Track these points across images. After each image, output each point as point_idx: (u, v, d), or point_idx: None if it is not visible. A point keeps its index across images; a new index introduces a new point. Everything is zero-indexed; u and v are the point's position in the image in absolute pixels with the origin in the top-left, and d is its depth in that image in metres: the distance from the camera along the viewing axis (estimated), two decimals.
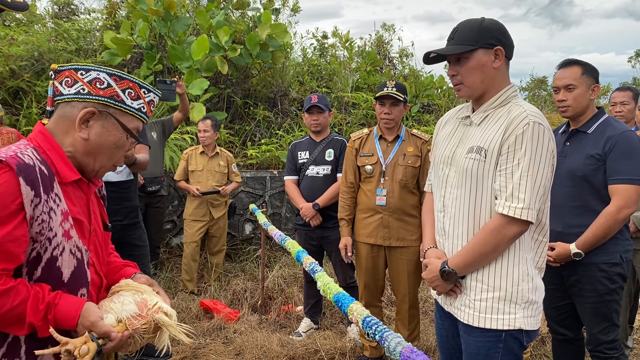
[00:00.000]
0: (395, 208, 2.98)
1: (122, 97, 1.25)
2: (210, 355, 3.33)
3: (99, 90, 1.22)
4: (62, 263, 1.18)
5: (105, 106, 1.23)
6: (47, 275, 1.17)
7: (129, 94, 1.26)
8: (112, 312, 1.21)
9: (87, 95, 1.22)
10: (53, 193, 1.16)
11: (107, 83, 1.23)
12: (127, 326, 1.20)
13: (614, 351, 2.35)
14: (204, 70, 5.92)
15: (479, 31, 1.63)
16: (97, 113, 1.22)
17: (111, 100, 1.24)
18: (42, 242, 1.14)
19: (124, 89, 1.25)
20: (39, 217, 1.12)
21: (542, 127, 1.55)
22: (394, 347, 1.49)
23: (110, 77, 1.23)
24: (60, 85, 1.23)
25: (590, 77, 2.35)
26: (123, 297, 1.25)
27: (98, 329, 1.15)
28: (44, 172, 1.15)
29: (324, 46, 9.23)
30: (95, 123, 1.23)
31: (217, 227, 4.59)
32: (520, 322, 1.60)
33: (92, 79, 1.22)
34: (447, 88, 8.39)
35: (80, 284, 1.23)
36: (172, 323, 1.26)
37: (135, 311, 1.22)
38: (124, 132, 1.27)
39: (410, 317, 3.12)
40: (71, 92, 1.22)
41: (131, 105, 1.26)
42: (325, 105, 3.56)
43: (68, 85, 1.22)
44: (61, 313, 1.14)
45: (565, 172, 2.33)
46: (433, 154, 1.89)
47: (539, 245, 1.68)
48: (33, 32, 6.35)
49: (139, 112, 1.28)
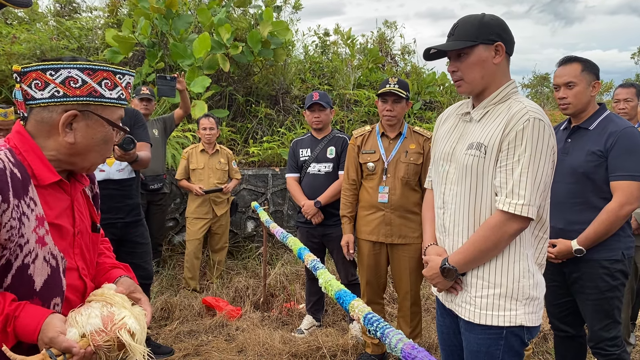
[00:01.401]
0: (397, 205, 2.98)
1: (100, 92, 1.18)
2: (212, 353, 3.35)
3: (74, 90, 1.15)
4: (34, 271, 1.12)
5: (85, 105, 1.17)
6: (18, 284, 1.11)
7: (106, 85, 1.19)
8: (76, 325, 1.13)
9: (64, 98, 1.15)
10: (27, 197, 1.11)
11: (82, 80, 1.16)
12: (90, 342, 1.12)
13: (615, 348, 2.34)
14: (205, 68, 5.92)
15: (479, 27, 1.62)
16: (79, 114, 1.16)
17: (90, 98, 1.17)
18: (12, 249, 1.08)
19: (99, 81, 1.18)
20: (7, 224, 1.06)
21: (543, 123, 1.55)
22: (395, 344, 1.49)
23: (83, 73, 1.16)
24: (29, 89, 1.14)
25: (591, 74, 2.35)
26: (91, 309, 1.17)
27: (58, 345, 1.07)
28: (15, 176, 1.10)
29: (325, 43, 9.22)
30: (78, 125, 1.18)
31: (220, 225, 4.60)
32: (521, 318, 1.60)
33: (64, 78, 1.14)
34: (449, 85, 8.37)
35: (53, 293, 1.18)
36: (132, 343, 1.16)
37: (99, 326, 1.13)
38: (109, 126, 1.22)
39: (412, 314, 3.12)
40: (45, 95, 1.14)
41: (110, 97, 1.20)
42: (326, 103, 3.56)
43: (39, 88, 1.14)
44: (21, 326, 1.08)
45: (567, 169, 2.33)
46: (433, 151, 1.88)
47: (539, 242, 1.68)
48: (35, 30, 6.37)
49: (119, 101, 1.23)
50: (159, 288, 4.38)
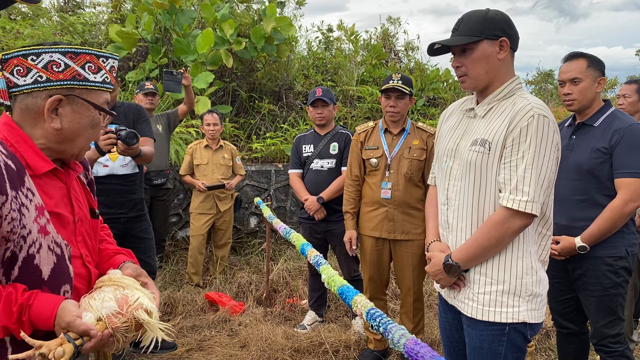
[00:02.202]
0: (400, 201, 2.97)
1: (83, 75, 1.16)
2: (215, 347, 3.36)
3: (57, 74, 1.13)
4: (40, 261, 1.12)
5: (69, 89, 1.15)
6: (26, 275, 1.12)
7: (89, 68, 1.17)
8: (91, 310, 1.14)
9: (47, 83, 1.13)
10: (24, 188, 1.10)
11: (64, 64, 1.14)
12: (107, 325, 1.13)
13: (618, 345, 2.34)
14: (208, 63, 5.92)
15: (483, 22, 1.62)
16: (63, 99, 1.15)
17: (74, 82, 1.15)
18: (15, 241, 1.08)
19: (82, 65, 1.16)
20: (7, 216, 1.05)
21: (547, 120, 1.54)
22: (397, 339, 1.49)
23: (65, 56, 1.14)
24: (12, 76, 1.12)
25: (596, 70, 2.33)
26: (104, 293, 1.19)
27: (75, 329, 1.08)
28: (10, 167, 1.08)
29: (329, 39, 9.20)
30: (64, 110, 1.16)
31: (223, 221, 4.61)
32: (524, 315, 1.60)
33: (46, 63, 1.12)
34: (453, 81, 8.34)
35: (62, 281, 1.18)
36: (151, 321, 1.19)
37: (115, 308, 1.15)
38: (95, 110, 1.21)
39: (414, 310, 3.12)
40: (27, 82, 1.12)
41: (95, 80, 1.19)
42: (329, 99, 3.55)
43: (21, 74, 1.12)
44: (36, 314, 1.08)
45: (571, 166, 2.32)
46: (437, 147, 1.88)
47: (543, 239, 1.68)
48: (38, 25, 6.37)
49: (104, 84, 1.21)
50: (162, 283, 4.40)
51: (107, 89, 1.23)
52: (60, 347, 1.04)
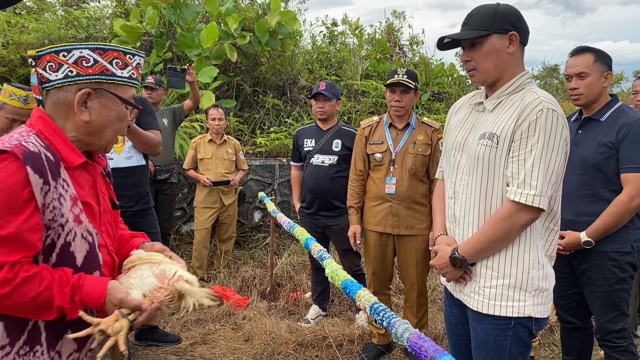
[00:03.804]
0: (404, 196, 2.97)
1: (111, 70, 1.22)
2: (219, 341, 3.38)
3: (87, 69, 1.19)
4: (75, 248, 1.18)
5: (98, 83, 1.21)
6: (62, 261, 1.18)
7: (117, 64, 1.23)
8: (134, 287, 1.20)
9: (77, 77, 1.19)
10: (61, 179, 1.16)
11: (93, 59, 1.20)
12: (152, 300, 1.20)
13: (622, 340, 2.34)
14: (213, 58, 5.91)
15: (493, 16, 1.61)
16: (92, 92, 1.21)
17: (102, 76, 1.21)
18: (55, 229, 1.15)
19: (110, 60, 1.22)
20: (50, 204, 1.12)
21: (556, 114, 1.53)
22: (401, 334, 1.49)
23: (94, 52, 1.20)
24: (44, 72, 1.19)
25: (603, 65, 2.32)
26: (141, 271, 1.25)
27: (128, 304, 1.16)
28: (50, 159, 1.15)
29: (333, 34, 9.17)
30: (93, 103, 1.21)
31: (227, 215, 4.62)
32: (529, 309, 1.60)
33: (76, 58, 1.19)
34: (457, 76, 8.31)
35: (93, 267, 1.24)
36: (194, 289, 1.26)
37: (156, 284, 1.22)
38: (122, 104, 1.26)
39: (418, 305, 3.12)
40: (59, 76, 1.19)
41: (122, 75, 1.24)
42: (332, 93, 3.53)
43: (53, 70, 1.19)
44: (87, 294, 1.15)
45: (577, 160, 2.31)
46: (445, 141, 1.87)
47: (550, 233, 1.67)
48: (43, 19, 6.38)
49: (130, 80, 1.27)
50: None
51: (133, 85, 1.29)
52: (116, 322, 1.13)
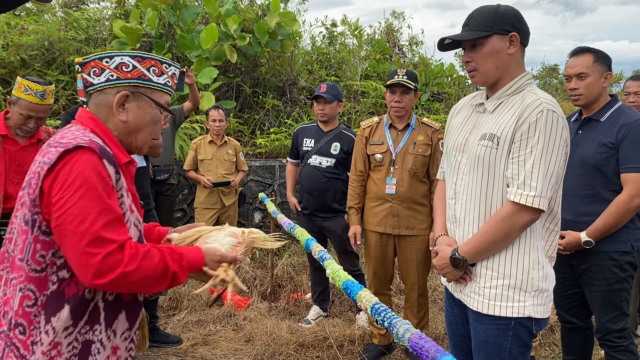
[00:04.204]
0: (404, 197, 2.97)
1: (148, 76, 1.33)
2: (220, 342, 3.38)
3: (126, 73, 1.30)
4: (131, 234, 1.26)
5: (135, 87, 1.31)
6: None
7: (154, 71, 1.33)
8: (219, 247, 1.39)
9: (117, 81, 1.30)
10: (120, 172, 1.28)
11: (132, 65, 1.30)
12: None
13: (623, 340, 2.34)
14: (213, 59, 5.91)
15: (494, 17, 1.61)
16: (130, 95, 1.30)
17: (140, 81, 1.31)
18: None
19: (148, 67, 1.32)
20: (119, 192, 1.23)
21: (556, 115, 1.54)
22: (402, 334, 1.50)
23: (133, 59, 1.31)
24: (89, 77, 1.30)
25: (603, 65, 2.32)
26: (214, 236, 1.43)
27: (228, 259, 1.36)
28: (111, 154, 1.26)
29: (333, 34, 9.18)
30: (130, 105, 1.31)
31: (228, 215, 4.62)
32: (530, 310, 1.60)
33: (117, 64, 1.29)
34: (457, 76, 8.32)
35: None
36: (265, 236, 1.49)
37: (234, 241, 1.42)
38: (157, 108, 1.35)
39: (419, 305, 3.13)
40: (101, 80, 1.30)
41: (158, 82, 1.34)
42: (333, 96, 3.53)
43: (96, 74, 1.29)
44: (189, 259, 1.28)
45: (577, 161, 2.32)
46: (446, 141, 1.88)
47: (550, 234, 1.68)
48: (43, 21, 6.38)
49: (166, 87, 1.37)
50: None
51: (168, 91, 1.38)
52: (226, 273, 1.34)
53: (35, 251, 1.16)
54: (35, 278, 1.16)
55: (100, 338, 1.24)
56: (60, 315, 1.17)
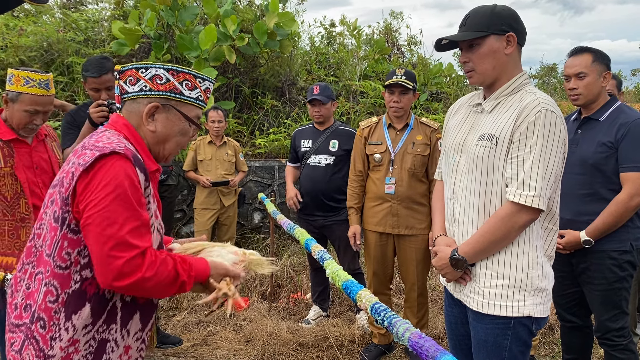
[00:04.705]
0: (404, 196, 2.98)
1: (180, 89, 1.35)
2: (220, 342, 3.38)
3: (159, 85, 1.34)
4: (154, 238, 1.31)
5: (166, 99, 1.35)
6: None
7: (186, 85, 1.36)
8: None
9: (150, 92, 1.34)
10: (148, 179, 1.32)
11: (166, 78, 1.34)
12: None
13: (622, 339, 2.35)
14: (211, 59, 5.91)
15: (490, 17, 1.62)
16: (160, 107, 1.34)
17: (171, 94, 1.35)
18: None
19: (181, 81, 1.35)
20: (147, 198, 1.28)
21: (554, 115, 1.54)
22: (402, 333, 1.50)
23: (167, 72, 1.34)
24: (125, 84, 1.35)
25: (602, 65, 2.33)
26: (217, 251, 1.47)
27: (233, 273, 1.39)
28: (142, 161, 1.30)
29: (331, 35, 9.18)
30: (159, 116, 1.35)
31: (227, 216, 4.62)
32: (529, 309, 1.61)
33: (152, 75, 1.33)
34: (455, 76, 8.32)
35: None
36: (263, 259, 1.54)
37: (236, 259, 1.46)
38: (186, 121, 1.38)
39: (418, 305, 3.13)
40: (135, 89, 1.34)
41: (189, 96, 1.37)
42: (326, 97, 3.53)
43: (132, 83, 1.34)
44: (196, 270, 1.32)
45: (576, 160, 2.32)
46: (444, 142, 1.88)
47: (549, 234, 1.68)
48: (42, 22, 6.38)
49: (197, 101, 1.39)
50: None
51: (199, 106, 1.41)
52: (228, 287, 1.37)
53: (62, 248, 1.21)
54: (59, 275, 1.20)
55: (115, 337, 1.28)
56: (81, 313, 1.22)
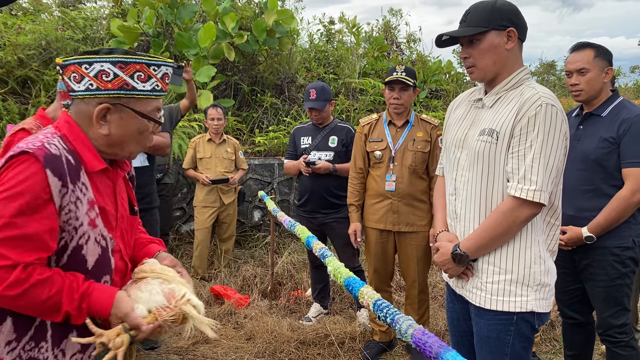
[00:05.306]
0: (404, 193, 2.97)
1: (132, 84, 1.20)
2: (221, 340, 3.38)
3: (106, 83, 1.19)
4: (87, 251, 1.19)
5: (117, 98, 1.20)
6: (73, 263, 1.19)
7: (139, 77, 1.21)
8: (142, 302, 1.21)
9: (97, 91, 1.19)
10: (80, 182, 1.18)
11: (113, 74, 1.19)
12: (157, 317, 1.20)
13: (624, 335, 2.34)
14: (210, 57, 5.90)
15: (491, 12, 1.61)
16: (111, 108, 1.20)
17: (121, 91, 1.20)
18: (69, 231, 1.16)
19: (131, 74, 1.20)
20: (66, 207, 1.14)
21: (555, 109, 1.54)
22: (405, 330, 1.49)
23: (115, 66, 1.18)
24: (69, 81, 1.21)
25: (604, 60, 2.32)
26: (151, 286, 1.25)
27: (130, 321, 1.17)
28: (70, 162, 1.16)
29: (330, 32, 9.17)
30: (112, 117, 1.21)
31: (227, 214, 4.62)
32: (532, 304, 1.60)
33: (97, 72, 1.18)
34: (455, 73, 8.31)
35: (103, 272, 1.25)
36: (199, 317, 1.26)
37: (164, 302, 1.22)
38: (143, 118, 1.25)
39: (419, 302, 3.13)
40: (81, 88, 1.20)
41: (143, 89, 1.22)
42: (324, 101, 3.49)
43: (76, 81, 1.20)
44: (95, 303, 1.16)
45: (578, 156, 2.31)
46: (445, 137, 1.88)
47: (551, 228, 1.68)
48: (40, 21, 6.36)
49: (154, 93, 1.25)
50: None
51: (157, 97, 1.27)
52: (118, 337, 1.14)
53: None
54: None
55: (46, 357, 1.17)
56: (2, 328, 1.13)
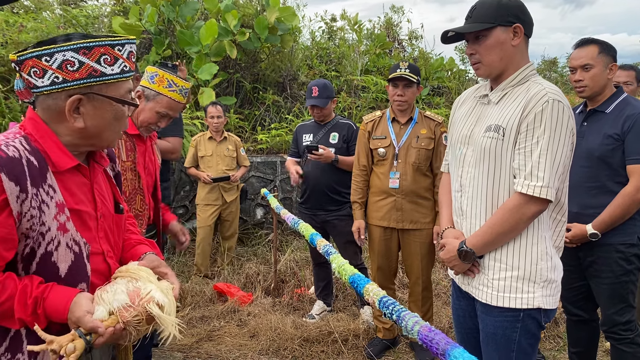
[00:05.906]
0: (408, 191, 2.97)
1: (100, 70, 1.13)
2: (225, 337, 3.38)
3: (73, 73, 1.11)
4: (57, 258, 1.12)
5: (87, 87, 1.13)
6: (43, 271, 1.13)
7: (105, 61, 1.13)
8: (103, 303, 1.12)
9: (64, 84, 1.11)
10: (45, 185, 1.10)
11: (79, 62, 1.10)
12: (119, 318, 1.11)
13: (629, 332, 2.34)
14: (212, 54, 5.90)
15: (497, 9, 1.61)
16: (83, 98, 1.13)
17: (90, 79, 1.12)
18: (34, 238, 1.09)
19: (97, 59, 1.12)
20: (27, 213, 1.06)
21: (562, 105, 1.53)
22: (411, 327, 1.49)
23: (78, 53, 1.10)
24: (30, 77, 1.11)
25: (608, 56, 2.31)
26: (116, 285, 1.17)
27: (84, 325, 1.07)
28: (32, 164, 1.09)
29: (332, 29, 9.15)
30: (85, 108, 1.14)
31: (230, 212, 4.62)
32: (539, 301, 1.60)
33: (60, 63, 1.09)
34: (457, 70, 8.29)
35: (78, 279, 1.18)
36: (163, 316, 1.15)
37: (126, 302, 1.13)
38: (117, 103, 1.18)
39: (423, 299, 3.13)
40: (45, 83, 1.11)
41: (112, 73, 1.15)
42: (325, 99, 3.49)
43: (38, 76, 1.10)
44: (51, 307, 1.09)
45: (583, 153, 2.31)
46: (450, 134, 1.87)
47: (558, 225, 1.68)
48: (41, 19, 6.35)
49: (123, 74, 1.18)
50: None
51: (127, 78, 1.20)
52: (71, 342, 1.04)
53: None
54: None
55: None
56: None
